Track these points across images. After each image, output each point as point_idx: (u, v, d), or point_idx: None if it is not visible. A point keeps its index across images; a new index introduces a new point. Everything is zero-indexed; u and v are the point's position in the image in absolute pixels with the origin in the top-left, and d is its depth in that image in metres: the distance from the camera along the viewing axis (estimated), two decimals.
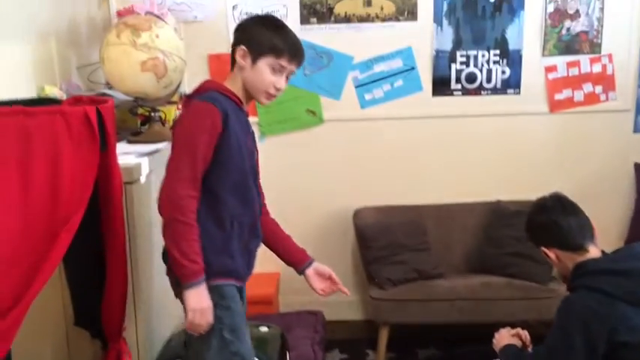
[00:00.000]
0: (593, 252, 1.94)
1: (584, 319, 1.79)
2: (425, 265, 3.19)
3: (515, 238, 3.20)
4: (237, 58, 1.85)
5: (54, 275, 1.65)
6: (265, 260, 3.70)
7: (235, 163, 1.81)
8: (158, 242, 2.26)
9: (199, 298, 1.74)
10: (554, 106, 3.41)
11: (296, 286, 3.60)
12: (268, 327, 2.41)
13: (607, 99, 3.39)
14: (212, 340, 1.81)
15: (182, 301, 1.78)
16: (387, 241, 3.20)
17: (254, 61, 1.83)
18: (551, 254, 1.96)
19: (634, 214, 3.43)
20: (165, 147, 2.38)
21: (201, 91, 1.84)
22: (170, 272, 1.86)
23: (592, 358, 1.77)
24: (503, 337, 2.13)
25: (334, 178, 3.53)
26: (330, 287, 2.16)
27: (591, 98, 3.39)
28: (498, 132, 3.46)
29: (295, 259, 2.14)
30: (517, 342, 2.10)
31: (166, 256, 1.83)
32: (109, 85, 2.69)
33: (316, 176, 3.53)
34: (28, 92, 2.34)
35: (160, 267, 2.29)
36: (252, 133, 1.96)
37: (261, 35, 1.83)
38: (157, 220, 2.25)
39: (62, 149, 1.51)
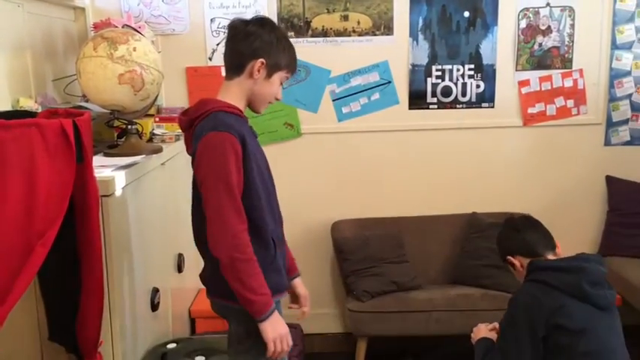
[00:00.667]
0: (551, 257, 2.09)
1: (526, 306, 1.95)
2: (402, 277, 3.21)
3: (490, 249, 3.22)
4: (253, 69, 1.83)
5: (28, 289, 1.63)
6: None
7: (261, 182, 1.84)
8: (136, 256, 2.26)
9: (275, 326, 1.76)
10: (528, 120, 3.48)
11: None
12: None
13: (578, 113, 3.46)
14: (257, 356, 1.83)
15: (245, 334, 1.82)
16: (364, 254, 3.22)
17: (269, 74, 1.85)
18: (516, 262, 2.13)
19: (605, 225, 3.50)
20: (142, 160, 2.37)
21: (204, 114, 1.80)
22: (221, 299, 1.87)
23: (533, 340, 1.92)
24: (480, 331, 2.24)
25: (312, 191, 3.54)
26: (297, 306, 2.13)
27: (563, 112, 3.46)
28: (473, 145, 3.51)
29: (290, 266, 2.12)
30: (494, 336, 2.17)
31: (207, 280, 1.90)
32: (85, 98, 2.67)
33: (294, 189, 3.53)
34: (2, 105, 2.32)
35: (139, 279, 2.28)
36: (257, 136, 1.95)
37: (280, 51, 1.84)
38: (135, 234, 2.25)
39: (38, 162, 1.49)
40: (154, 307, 2.43)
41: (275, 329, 1.76)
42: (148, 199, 2.48)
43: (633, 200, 3.40)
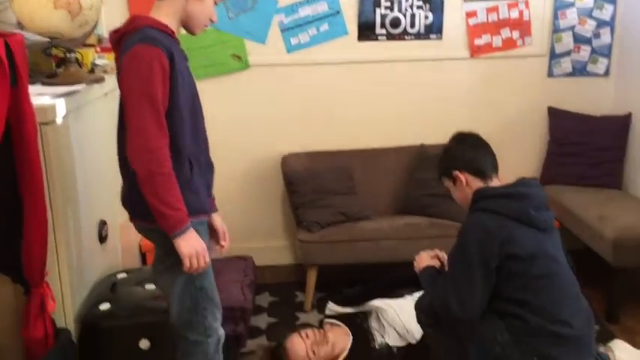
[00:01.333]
0: (495, 183, 2.11)
1: (477, 236, 1.96)
2: (351, 208, 3.26)
3: (437, 179, 3.31)
4: None
5: None
6: None
7: (186, 103, 1.80)
8: (81, 188, 2.22)
9: (191, 242, 1.75)
10: (475, 52, 3.51)
11: None
12: None
13: (524, 44, 3.51)
14: (179, 276, 1.83)
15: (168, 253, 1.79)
16: (314, 186, 3.25)
17: None
18: (462, 177, 2.10)
19: (546, 154, 3.62)
20: (83, 89, 2.29)
21: (133, 29, 1.76)
22: (141, 221, 1.85)
23: (486, 271, 1.94)
24: (423, 259, 2.28)
25: (261, 125, 3.52)
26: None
27: (509, 43, 3.50)
28: (421, 77, 3.53)
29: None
30: (436, 263, 2.23)
31: (127, 202, 1.85)
32: (20, 26, 2.53)
33: (243, 122, 3.50)
34: None
35: (85, 212, 2.24)
36: (187, 59, 1.90)
37: None
38: (80, 165, 2.20)
39: None
40: (102, 239, 2.42)
41: (190, 245, 1.74)
42: (92, 130, 2.42)
43: (572, 130, 3.51)
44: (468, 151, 2.14)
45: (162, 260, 1.88)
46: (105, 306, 2.09)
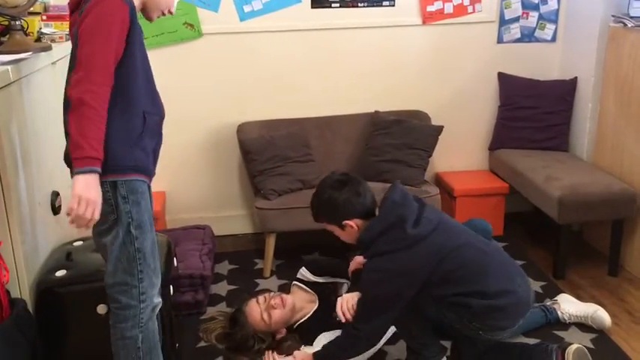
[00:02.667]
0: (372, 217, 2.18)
1: (379, 282, 2.07)
2: (308, 176, 3.30)
3: (392, 145, 3.38)
4: None
5: None
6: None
7: (142, 59, 1.80)
8: (32, 158, 2.18)
9: (89, 186, 1.62)
10: (427, 18, 3.55)
11: (183, 204, 3.64)
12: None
13: (474, 10, 3.57)
14: (120, 233, 1.78)
15: None
16: (271, 154, 3.27)
17: None
18: (353, 224, 2.17)
19: (496, 119, 3.72)
20: (29, 57, 2.24)
21: None
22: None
23: (401, 304, 2.08)
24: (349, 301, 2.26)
25: (216, 94, 3.50)
26: None
27: (460, 10, 3.56)
28: (375, 44, 3.56)
29: None
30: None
31: (68, 158, 1.72)
32: None
33: (197, 92, 3.48)
34: None
35: (37, 182, 2.21)
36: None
37: None
38: (29, 135, 2.16)
39: None
40: (55, 210, 2.39)
41: (88, 189, 1.62)
42: (41, 100, 2.38)
43: (521, 95, 3.61)
44: (354, 197, 2.17)
45: (104, 219, 1.77)
46: (61, 273, 2.08)
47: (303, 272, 2.76)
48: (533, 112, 3.58)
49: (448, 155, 3.71)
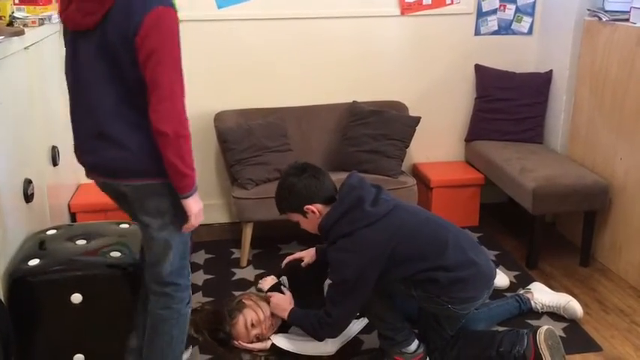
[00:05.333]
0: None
1: (345, 264, 2.13)
2: (286, 165, 3.27)
3: (370, 136, 3.39)
4: None
5: None
6: None
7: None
8: (3, 145, 2.14)
9: (198, 202, 1.90)
10: (405, 9, 3.56)
11: None
12: (129, 224, 2.39)
13: (452, 2, 3.58)
14: (175, 229, 1.94)
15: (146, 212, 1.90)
16: (248, 143, 3.25)
17: None
18: (315, 209, 2.23)
19: (473, 111, 3.75)
20: (1, 41, 2.19)
21: None
22: (141, 179, 1.85)
23: (367, 285, 2.13)
24: (284, 302, 2.47)
25: (193, 82, 3.39)
26: None
27: (438, 2, 3.57)
28: (353, 34, 3.56)
29: None
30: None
31: (124, 160, 1.82)
32: None
33: None
34: None
35: (9, 169, 2.17)
36: None
37: None
38: (3, 117, 2.12)
39: None
40: (28, 198, 2.35)
41: (197, 204, 1.90)
42: (12, 86, 2.33)
43: (498, 87, 3.64)
44: (314, 182, 2.23)
45: (163, 215, 1.91)
46: (34, 262, 2.05)
47: (283, 281, 2.74)
48: (508, 104, 3.62)
49: (425, 146, 3.73)
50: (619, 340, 2.56)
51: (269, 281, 2.73)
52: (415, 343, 2.32)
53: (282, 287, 2.67)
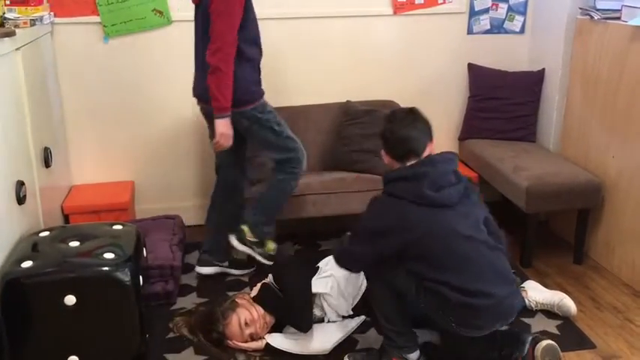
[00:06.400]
0: (411, 161, 2.21)
1: (373, 216, 2.20)
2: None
3: (363, 135, 3.39)
4: None
5: None
6: (119, 169, 3.64)
7: (253, 20, 2.62)
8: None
9: (226, 126, 2.57)
10: (398, 8, 3.56)
11: (151, 194, 3.60)
12: (122, 225, 2.38)
13: (444, 1, 3.59)
14: (269, 135, 2.71)
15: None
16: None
17: None
18: (386, 158, 2.28)
19: (466, 110, 3.75)
20: None
21: None
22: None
23: (375, 246, 2.16)
24: None
25: (186, 82, 3.43)
26: None
27: (430, 1, 3.57)
28: (346, 34, 3.56)
29: None
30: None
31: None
32: None
33: (167, 80, 3.43)
34: None
35: (1, 171, 2.16)
36: None
37: None
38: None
39: None
40: (20, 200, 2.34)
41: (225, 127, 2.56)
42: (3, 87, 2.32)
43: (491, 86, 3.65)
44: (392, 133, 2.23)
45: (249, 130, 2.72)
46: (27, 264, 2.04)
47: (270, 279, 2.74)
48: (501, 103, 3.62)
49: None
50: (613, 337, 2.57)
51: (256, 288, 2.68)
52: (416, 353, 2.31)
53: (270, 284, 2.66)
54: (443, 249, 2.10)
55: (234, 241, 2.89)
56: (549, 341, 2.24)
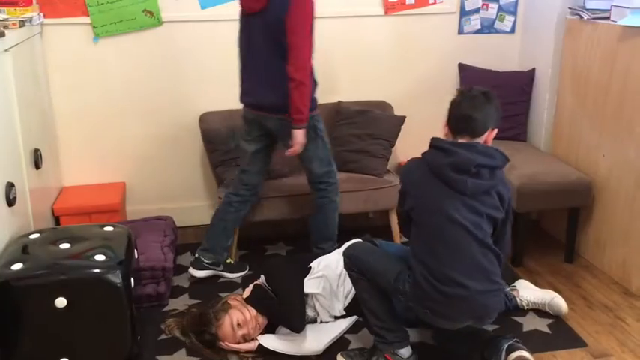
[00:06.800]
0: (461, 140, 2.20)
1: (403, 172, 2.34)
2: (272, 166, 3.25)
3: (355, 135, 3.39)
4: None
5: None
6: (110, 170, 3.62)
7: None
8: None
9: (303, 136, 2.71)
10: (389, 9, 3.56)
11: (143, 195, 3.59)
12: (114, 227, 2.37)
13: (435, 2, 3.59)
14: (319, 144, 2.84)
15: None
16: (233, 144, 3.23)
17: None
18: (444, 128, 2.26)
19: None
20: None
21: None
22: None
23: (405, 200, 2.28)
24: None
25: (177, 83, 3.45)
26: None
27: (421, 1, 3.58)
28: (338, 34, 3.55)
29: None
30: None
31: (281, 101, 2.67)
32: None
33: (158, 81, 3.42)
34: None
35: None
36: None
37: None
38: None
39: None
40: (10, 202, 2.33)
41: (303, 137, 2.72)
42: None
43: (481, 86, 3.64)
44: (454, 108, 2.24)
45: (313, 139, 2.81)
46: (17, 266, 2.03)
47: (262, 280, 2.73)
48: None
49: (410, 145, 3.70)
50: (604, 335, 2.59)
51: (249, 289, 2.68)
52: (408, 349, 2.33)
53: (262, 285, 2.65)
54: (433, 225, 2.13)
55: (192, 269, 3.02)
56: (522, 353, 2.24)
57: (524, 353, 2.25)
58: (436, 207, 2.13)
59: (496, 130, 2.26)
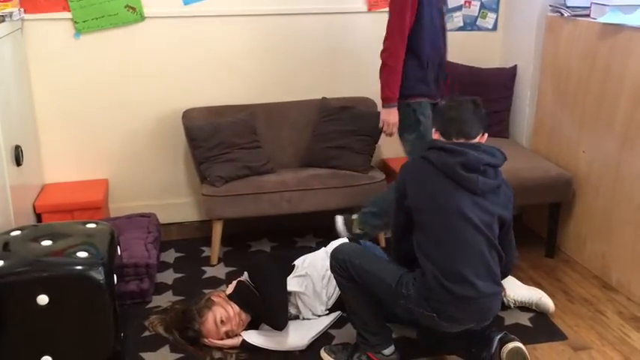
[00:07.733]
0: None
1: (402, 175, 2.28)
2: (255, 162, 3.28)
3: (339, 132, 3.40)
4: None
5: None
6: (93, 167, 3.60)
7: (428, 24, 2.78)
8: None
9: (391, 114, 2.86)
10: (372, 5, 3.57)
11: (126, 192, 3.57)
12: (96, 223, 2.36)
13: None
14: (415, 133, 2.89)
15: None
16: (217, 141, 3.23)
17: None
18: (436, 135, 2.28)
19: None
20: None
21: None
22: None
23: (400, 205, 2.26)
24: None
25: (160, 79, 3.43)
26: None
27: None
28: (321, 31, 3.56)
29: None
30: None
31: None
32: None
33: (140, 77, 3.40)
34: None
35: None
36: None
37: None
38: None
39: None
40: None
41: (389, 115, 2.87)
42: None
43: (464, 82, 3.66)
44: (446, 112, 2.26)
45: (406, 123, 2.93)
46: None
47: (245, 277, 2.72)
48: None
49: (394, 141, 3.72)
50: (584, 328, 2.62)
51: (232, 286, 2.67)
52: (390, 349, 2.32)
53: (246, 282, 2.65)
54: (445, 223, 2.11)
55: (339, 223, 3.09)
56: (517, 344, 2.24)
57: (519, 344, 2.24)
58: (447, 204, 2.11)
59: (486, 135, 2.28)
